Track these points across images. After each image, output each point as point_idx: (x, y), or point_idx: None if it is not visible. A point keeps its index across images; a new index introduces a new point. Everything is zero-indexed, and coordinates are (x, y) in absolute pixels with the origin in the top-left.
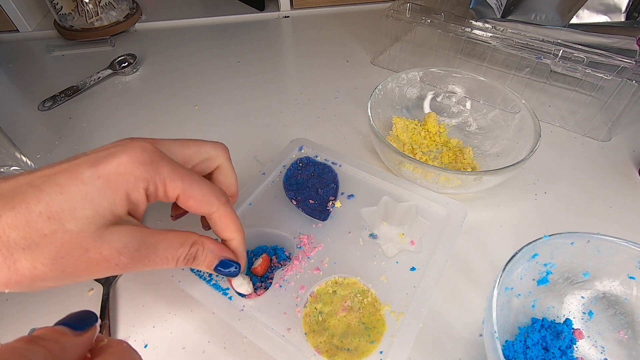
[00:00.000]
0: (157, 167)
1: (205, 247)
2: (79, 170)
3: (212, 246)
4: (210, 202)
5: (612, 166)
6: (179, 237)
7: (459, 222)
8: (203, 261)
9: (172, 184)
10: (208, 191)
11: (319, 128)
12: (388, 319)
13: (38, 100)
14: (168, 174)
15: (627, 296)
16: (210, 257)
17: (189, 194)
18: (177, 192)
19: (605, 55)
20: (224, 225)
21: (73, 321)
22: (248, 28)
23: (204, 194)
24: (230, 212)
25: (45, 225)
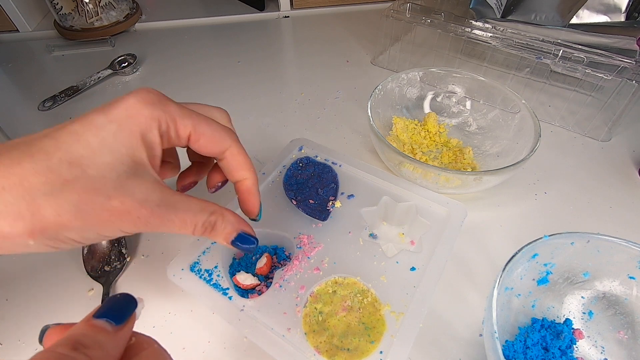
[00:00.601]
0: (165, 106)
1: (225, 218)
2: (91, 117)
3: (231, 218)
4: (222, 138)
5: (612, 166)
6: (198, 202)
7: (459, 222)
8: (222, 232)
9: (182, 121)
10: (218, 127)
11: (319, 128)
12: (388, 319)
13: (38, 100)
14: (176, 111)
15: (627, 296)
16: (229, 228)
17: (200, 132)
18: (188, 130)
19: (605, 55)
20: (236, 164)
21: (113, 312)
22: (248, 28)
23: (215, 130)
24: (241, 149)
25: (66, 171)
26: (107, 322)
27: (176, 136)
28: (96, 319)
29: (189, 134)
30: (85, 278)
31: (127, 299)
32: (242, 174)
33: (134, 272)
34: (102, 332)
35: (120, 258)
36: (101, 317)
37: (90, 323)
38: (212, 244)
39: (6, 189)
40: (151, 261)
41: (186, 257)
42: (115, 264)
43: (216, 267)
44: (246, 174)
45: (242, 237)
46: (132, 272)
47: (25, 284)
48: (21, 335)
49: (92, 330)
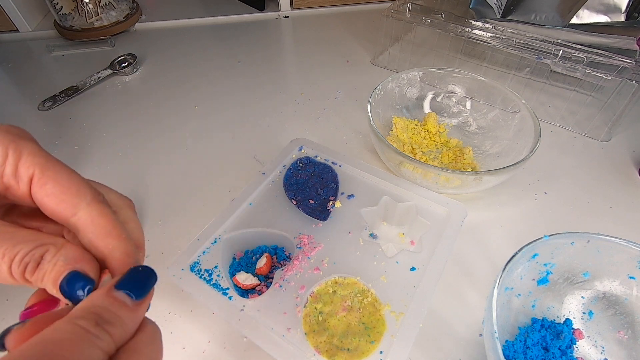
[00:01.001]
0: (18, 137)
1: (60, 250)
2: None
3: (71, 253)
4: (80, 190)
5: (612, 166)
6: (29, 232)
7: (459, 222)
8: (50, 270)
9: (29, 158)
10: (80, 180)
11: (319, 128)
12: (388, 319)
13: (38, 100)
14: (28, 149)
15: (627, 296)
16: (60, 265)
17: (49, 176)
18: (31, 169)
19: (605, 55)
20: (99, 228)
21: (134, 285)
22: (248, 28)
23: (72, 179)
24: (107, 211)
25: None
26: (128, 296)
27: (13, 171)
28: (117, 291)
29: (32, 175)
30: None
31: (149, 272)
32: (105, 243)
33: None
34: (122, 306)
35: None
36: (122, 289)
37: (111, 294)
38: (212, 244)
39: None
40: (151, 261)
41: (186, 257)
42: None
43: (216, 267)
44: (113, 242)
45: (75, 276)
46: None
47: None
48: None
49: (113, 303)
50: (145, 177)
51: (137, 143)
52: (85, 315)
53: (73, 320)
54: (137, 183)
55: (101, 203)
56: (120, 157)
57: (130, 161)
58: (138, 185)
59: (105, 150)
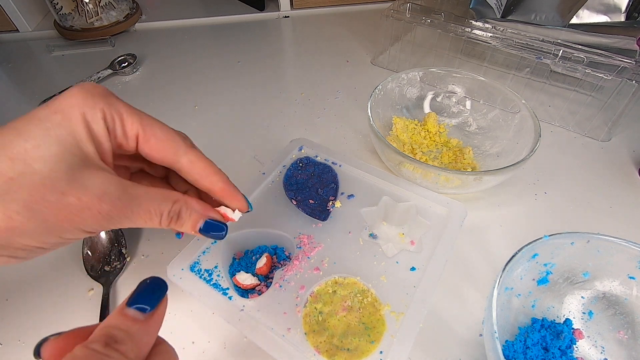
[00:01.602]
0: (109, 99)
1: (188, 205)
2: (34, 112)
3: (196, 206)
4: (176, 141)
5: (612, 166)
6: (161, 192)
7: (459, 222)
8: (188, 219)
9: (129, 117)
10: (171, 130)
11: (319, 128)
12: (388, 319)
13: (38, 100)
14: (123, 107)
15: (627, 296)
16: (195, 216)
17: (150, 132)
18: (135, 128)
19: (605, 55)
20: (199, 170)
21: (144, 298)
22: (248, 28)
23: (167, 132)
24: (200, 154)
25: (8, 168)
26: (138, 311)
27: (123, 134)
28: (128, 308)
29: (137, 134)
30: (85, 278)
31: (157, 283)
32: (209, 180)
33: (134, 272)
34: (134, 322)
35: (120, 258)
36: (132, 305)
37: (123, 313)
38: (212, 244)
39: None
40: (151, 261)
41: (186, 257)
42: (115, 264)
43: (216, 267)
44: (213, 178)
45: (210, 224)
46: (132, 272)
47: (25, 284)
48: (21, 335)
49: (124, 321)
50: None
51: None
52: (98, 339)
53: (87, 344)
54: None
55: (194, 148)
56: None
57: None
58: None
59: None
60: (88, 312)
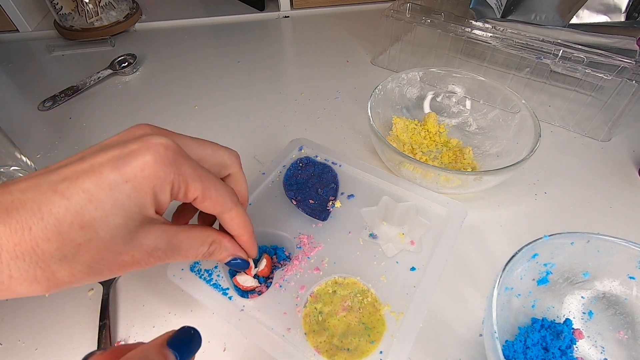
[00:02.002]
0: (179, 168)
1: (222, 245)
2: (103, 172)
3: (228, 245)
4: (225, 203)
5: (612, 166)
6: (200, 235)
7: (459, 222)
8: (218, 257)
9: (192, 185)
10: (224, 192)
11: (319, 128)
12: (388, 319)
13: (38, 100)
14: (190, 174)
15: (627, 296)
16: (225, 254)
17: (206, 196)
18: (196, 194)
19: (605, 55)
20: (234, 224)
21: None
22: (248, 28)
23: (219, 195)
24: (241, 212)
25: (78, 235)
26: (174, 356)
27: (184, 197)
28: (168, 349)
29: (196, 197)
30: None
31: (198, 337)
32: (238, 232)
33: (134, 272)
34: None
35: None
36: (172, 347)
37: (163, 351)
38: None
39: (19, 257)
40: None
41: None
42: None
43: (216, 267)
44: (242, 231)
45: (235, 260)
46: (132, 272)
47: None
48: (21, 335)
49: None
50: None
51: None
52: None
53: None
54: None
55: (237, 206)
56: None
57: None
58: None
59: None
60: (88, 312)
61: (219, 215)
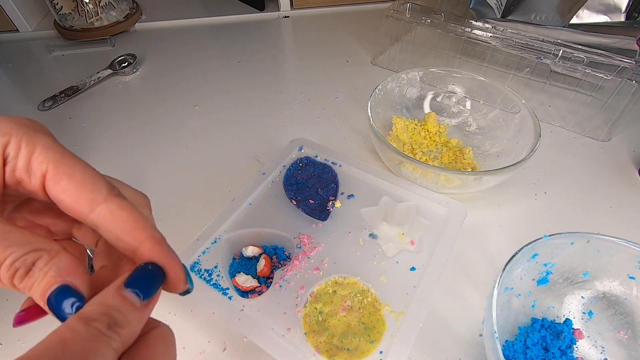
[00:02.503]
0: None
1: (54, 259)
2: None
3: (65, 262)
4: (96, 185)
5: (612, 166)
6: (25, 234)
7: (459, 222)
8: (40, 279)
9: (43, 152)
10: (96, 175)
11: (319, 128)
12: (388, 319)
13: (38, 100)
14: (45, 142)
15: (627, 296)
16: (51, 276)
17: (63, 171)
18: (44, 165)
19: (605, 55)
20: (120, 222)
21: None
22: (248, 28)
23: (88, 175)
24: (126, 203)
25: None
26: (137, 296)
27: (25, 166)
28: (127, 290)
29: (45, 170)
30: None
31: (158, 271)
32: (133, 236)
33: None
34: (131, 307)
35: None
36: (131, 287)
37: (120, 294)
38: (212, 244)
39: None
40: None
41: (186, 257)
42: None
43: (216, 267)
44: (140, 234)
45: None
46: None
47: None
48: (21, 335)
49: (122, 303)
50: (145, 177)
51: (137, 143)
52: (99, 317)
53: (88, 321)
54: (137, 183)
55: (118, 197)
56: (120, 157)
57: (130, 161)
58: (138, 185)
59: (105, 150)
60: None
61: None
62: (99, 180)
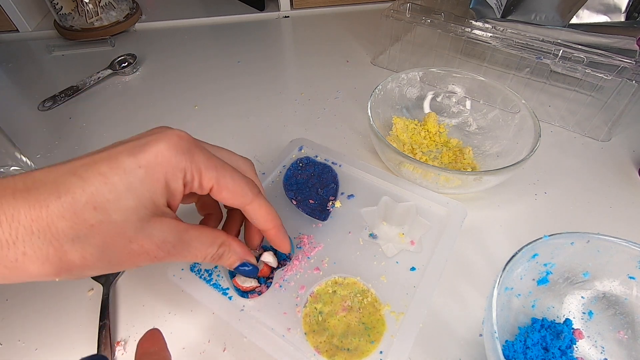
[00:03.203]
0: (193, 156)
1: (231, 248)
2: (119, 158)
3: (237, 249)
4: (244, 192)
5: (612, 166)
6: (209, 236)
7: (459, 222)
8: (227, 261)
9: (207, 173)
10: (241, 182)
11: (319, 128)
12: (388, 319)
13: (38, 100)
14: (203, 162)
15: (627, 296)
16: (233, 258)
17: (222, 185)
18: (211, 183)
19: (605, 55)
20: (259, 216)
21: None
22: (248, 28)
23: (237, 184)
24: (264, 203)
25: (91, 216)
26: None
27: (199, 186)
28: None
29: (212, 186)
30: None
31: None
32: (265, 225)
33: (133, 272)
34: None
35: None
36: None
37: None
38: None
39: (34, 233)
40: None
41: None
42: None
43: (216, 267)
44: (269, 224)
45: (244, 266)
46: (132, 272)
47: (25, 284)
48: (21, 335)
49: None
50: None
51: None
52: None
53: None
54: None
55: (259, 196)
56: None
57: None
58: None
59: None
60: (88, 312)
61: (241, 207)
62: (244, 187)
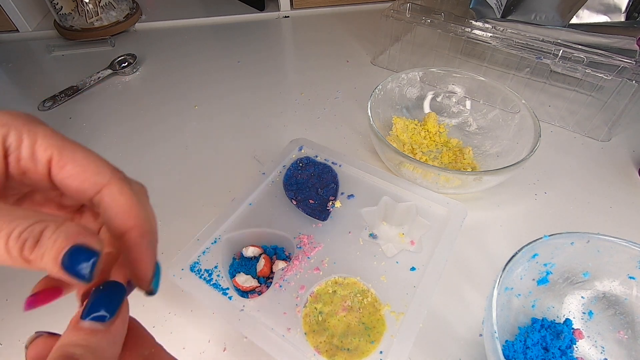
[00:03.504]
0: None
1: (61, 227)
2: None
3: (73, 228)
4: (98, 169)
5: (612, 166)
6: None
7: (459, 222)
8: (51, 246)
9: (45, 140)
10: (99, 159)
11: (319, 128)
12: (388, 319)
13: (38, 100)
14: (43, 130)
15: (627, 296)
16: (61, 241)
17: (68, 157)
18: (49, 151)
19: (605, 55)
20: (117, 207)
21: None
22: (248, 28)
23: (91, 159)
24: (127, 190)
25: None
26: (96, 322)
27: (30, 155)
28: (83, 322)
29: (50, 157)
30: None
31: (113, 286)
32: (125, 223)
33: None
34: (92, 334)
35: None
36: (88, 317)
37: (77, 327)
38: (212, 244)
39: None
40: None
41: (186, 257)
42: None
43: (216, 267)
44: (130, 222)
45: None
46: None
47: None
48: (21, 335)
49: (81, 336)
50: (145, 177)
51: (137, 143)
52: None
53: None
54: None
55: (121, 180)
56: (120, 157)
57: (130, 161)
58: None
59: (105, 150)
60: None
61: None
62: (102, 164)
